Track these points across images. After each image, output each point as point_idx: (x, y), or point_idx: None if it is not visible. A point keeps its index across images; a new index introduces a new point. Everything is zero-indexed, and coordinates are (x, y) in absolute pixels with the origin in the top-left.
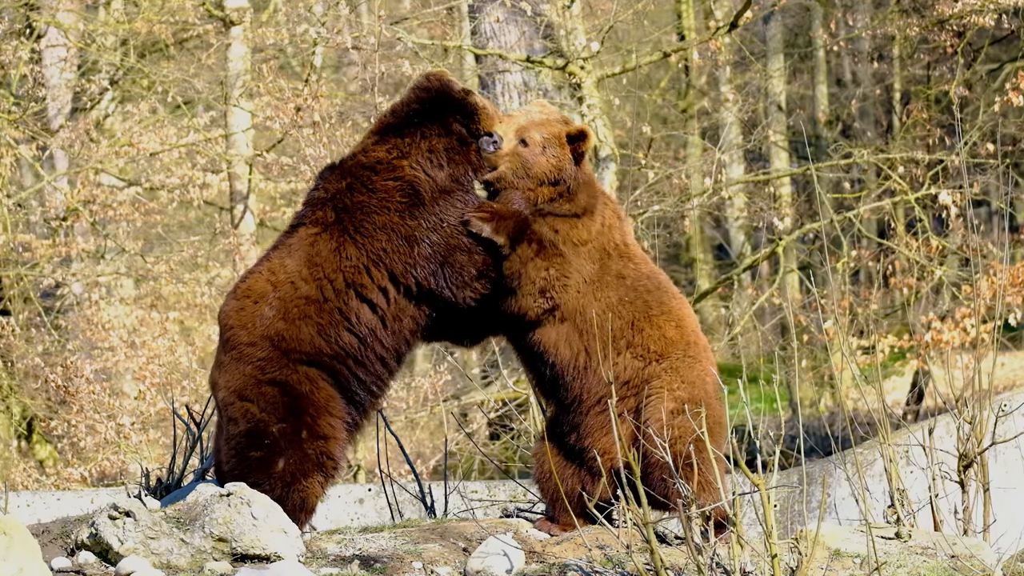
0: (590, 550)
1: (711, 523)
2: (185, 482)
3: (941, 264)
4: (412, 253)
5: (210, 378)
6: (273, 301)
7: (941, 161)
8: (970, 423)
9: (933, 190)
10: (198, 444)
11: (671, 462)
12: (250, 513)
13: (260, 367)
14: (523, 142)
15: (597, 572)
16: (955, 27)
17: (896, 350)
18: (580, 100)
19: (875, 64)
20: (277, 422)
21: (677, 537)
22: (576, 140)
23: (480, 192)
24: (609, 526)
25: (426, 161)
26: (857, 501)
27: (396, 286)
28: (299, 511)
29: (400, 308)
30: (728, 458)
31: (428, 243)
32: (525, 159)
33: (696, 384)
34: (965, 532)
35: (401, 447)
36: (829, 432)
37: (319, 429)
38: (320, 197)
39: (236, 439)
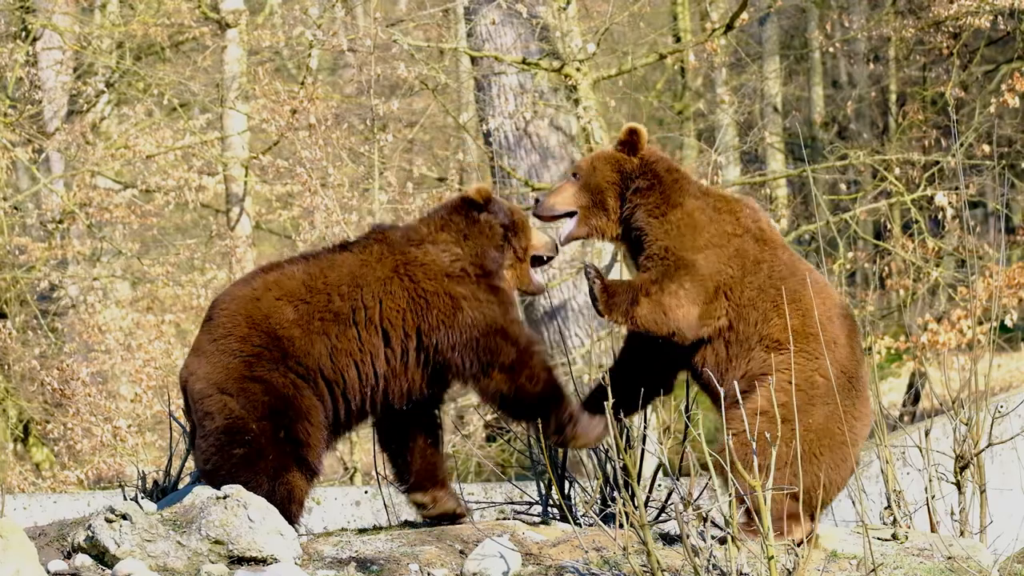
0: (587, 552)
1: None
2: (181, 484)
3: (937, 265)
4: (452, 317)
5: (184, 368)
6: (300, 305)
7: (937, 162)
8: (966, 424)
9: (929, 191)
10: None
11: (728, 464)
12: (246, 515)
13: (248, 363)
14: (574, 175)
15: (593, 574)
16: (951, 28)
17: (892, 351)
18: (576, 102)
19: (871, 65)
20: (256, 420)
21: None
22: (626, 141)
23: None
24: (605, 527)
25: (479, 249)
26: (854, 503)
27: (419, 341)
28: (288, 503)
29: (410, 369)
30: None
31: (471, 315)
32: (584, 180)
33: (801, 385)
34: (962, 533)
35: None
36: None
37: (296, 434)
38: (378, 238)
39: (215, 435)
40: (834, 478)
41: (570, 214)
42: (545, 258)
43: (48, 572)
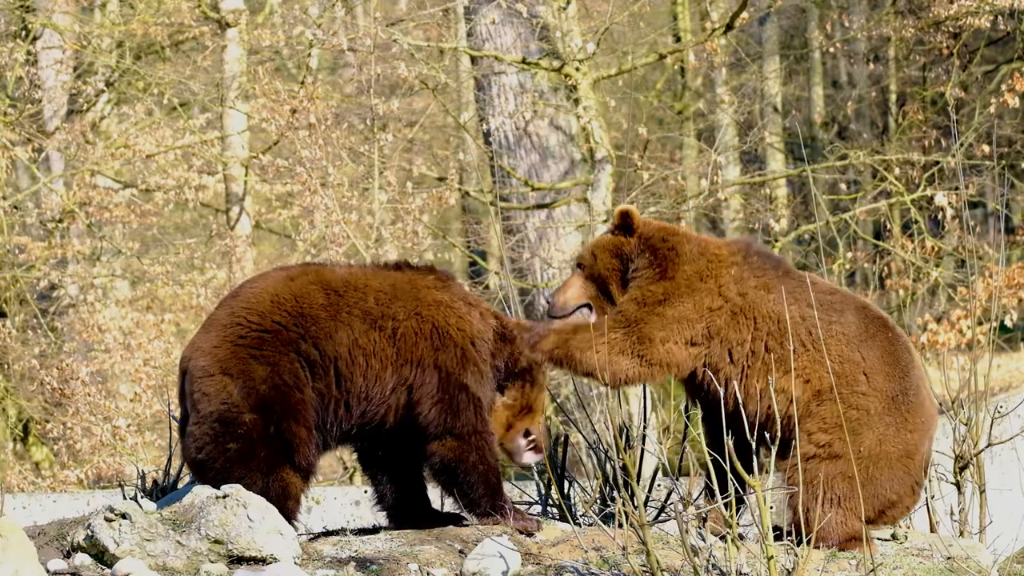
0: (586, 552)
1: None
2: (181, 484)
3: (937, 265)
4: (453, 372)
5: (188, 346)
6: (332, 295)
7: (937, 162)
8: (966, 425)
9: (929, 191)
10: None
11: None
12: (246, 515)
13: (259, 341)
14: (579, 266)
15: (593, 574)
16: (951, 28)
17: None
18: (576, 102)
19: (871, 65)
20: (249, 411)
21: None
22: (620, 225)
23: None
24: (605, 527)
25: (499, 363)
26: None
27: (418, 376)
28: (284, 499)
29: (393, 408)
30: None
31: (467, 378)
32: (588, 270)
33: (839, 424)
34: (961, 534)
35: None
36: None
37: (283, 432)
38: (441, 276)
39: (209, 423)
40: (899, 490)
41: (587, 306)
42: (525, 443)
43: (47, 571)
